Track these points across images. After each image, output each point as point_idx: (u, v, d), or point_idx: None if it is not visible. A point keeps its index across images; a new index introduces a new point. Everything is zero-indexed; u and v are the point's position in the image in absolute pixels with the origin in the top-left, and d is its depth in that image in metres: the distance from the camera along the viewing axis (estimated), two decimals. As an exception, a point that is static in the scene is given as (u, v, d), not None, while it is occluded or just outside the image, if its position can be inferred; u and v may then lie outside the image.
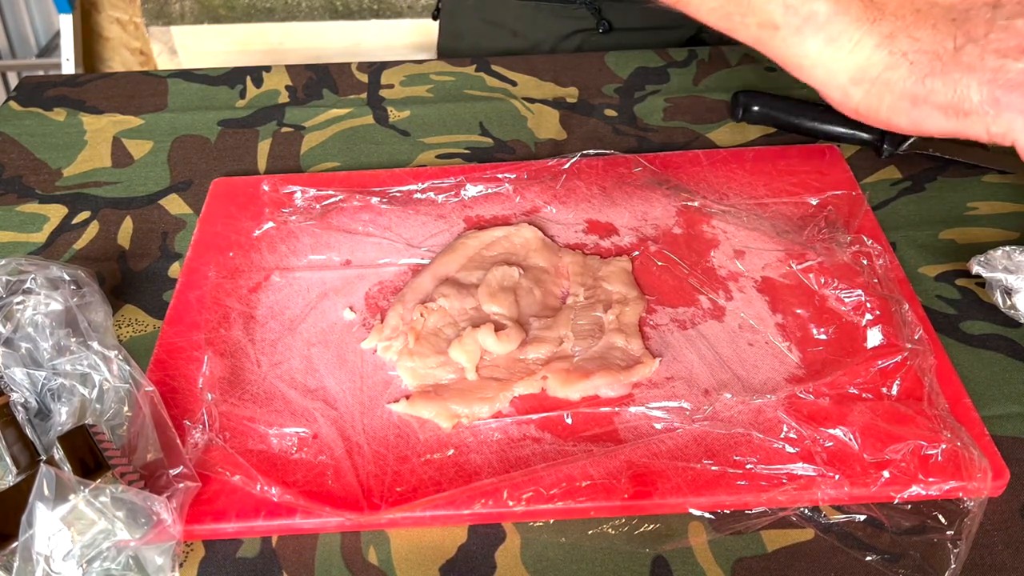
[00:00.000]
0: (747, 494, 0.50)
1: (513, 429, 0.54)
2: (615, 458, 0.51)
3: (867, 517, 0.49)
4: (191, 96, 0.85)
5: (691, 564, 0.48)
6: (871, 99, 0.52)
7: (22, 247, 0.70)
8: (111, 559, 0.46)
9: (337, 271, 0.65)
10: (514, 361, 0.57)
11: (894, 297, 0.59)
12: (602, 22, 0.92)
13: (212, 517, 0.50)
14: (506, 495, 0.50)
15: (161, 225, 0.71)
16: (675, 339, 0.59)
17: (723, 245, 0.65)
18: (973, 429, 0.52)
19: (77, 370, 0.55)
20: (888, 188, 0.72)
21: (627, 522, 0.50)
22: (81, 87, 0.87)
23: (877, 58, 0.51)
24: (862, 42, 0.51)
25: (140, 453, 0.51)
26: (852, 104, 0.54)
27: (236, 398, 0.56)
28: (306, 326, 0.61)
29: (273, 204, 0.69)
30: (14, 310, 0.57)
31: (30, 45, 2.29)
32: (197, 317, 0.61)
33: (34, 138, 0.81)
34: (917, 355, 0.55)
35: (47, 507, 0.45)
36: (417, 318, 0.59)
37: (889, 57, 0.51)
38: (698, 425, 0.53)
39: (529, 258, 0.64)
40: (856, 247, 0.62)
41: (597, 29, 0.92)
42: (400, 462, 0.52)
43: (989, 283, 0.60)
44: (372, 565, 0.49)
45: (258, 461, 0.52)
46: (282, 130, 0.81)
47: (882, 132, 0.75)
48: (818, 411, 0.53)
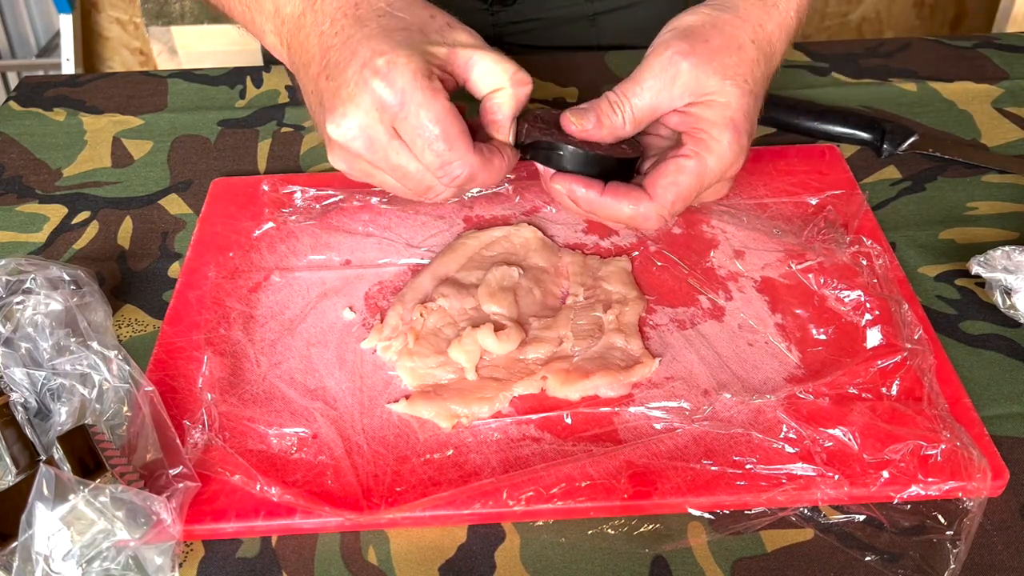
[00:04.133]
0: (747, 494, 0.50)
1: (513, 429, 0.54)
2: (615, 458, 0.51)
3: (866, 517, 0.49)
4: (191, 96, 0.85)
5: (691, 564, 0.48)
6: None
7: (22, 247, 0.70)
8: (111, 559, 0.46)
9: (337, 271, 0.65)
10: (514, 361, 0.57)
11: (894, 297, 0.59)
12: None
13: (212, 517, 0.50)
14: (506, 495, 0.50)
15: (161, 225, 0.71)
16: (675, 339, 0.59)
17: (723, 245, 0.65)
18: (973, 429, 0.52)
19: (77, 370, 0.55)
20: (888, 188, 0.72)
21: (627, 522, 0.50)
22: (81, 87, 0.87)
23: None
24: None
25: (140, 453, 0.51)
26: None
27: (236, 398, 0.56)
28: (306, 326, 0.61)
29: (273, 204, 0.69)
30: (14, 310, 0.57)
31: (30, 45, 2.29)
32: (197, 317, 0.61)
33: (34, 138, 0.81)
34: (917, 355, 0.55)
35: (47, 507, 0.45)
36: (417, 318, 0.59)
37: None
38: (698, 425, 0.53)
39: (529, 258, 0.64)
40: (856, 247, 0.62)
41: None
42: (400, 462, 0.52)
43: (989, 283, 0.60)
44: (372, 565, 0.49)
45: (258, 461, 0.52)
46: (282, 130, 0.81)
47: (882, 132, 0.75)
48: (818, 411, 0.53)
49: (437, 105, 0.48)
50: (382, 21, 0.49)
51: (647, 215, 0.54)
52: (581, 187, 0.54)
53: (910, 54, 0.87)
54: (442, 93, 0.49)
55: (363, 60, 0.48)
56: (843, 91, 0.82)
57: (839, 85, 0.83)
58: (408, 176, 0.51)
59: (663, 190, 0.54)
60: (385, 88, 0.47)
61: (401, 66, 0.47)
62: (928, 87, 0.83)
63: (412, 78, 0.47)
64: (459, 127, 0.49)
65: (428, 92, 0.48)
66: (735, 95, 0.53)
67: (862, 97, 0.82)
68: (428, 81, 0.48)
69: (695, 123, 0.54)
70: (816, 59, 0.87)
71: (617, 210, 0.54)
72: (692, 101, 0.54)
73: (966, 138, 0.77)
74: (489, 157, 0.51)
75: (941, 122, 0.79)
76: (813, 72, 0.85)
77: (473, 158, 0.50)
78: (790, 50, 0.85)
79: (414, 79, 0.47)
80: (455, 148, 0.49)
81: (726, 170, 0.54)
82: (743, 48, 0.54)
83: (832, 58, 0.87)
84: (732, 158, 0.54)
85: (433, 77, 0.49)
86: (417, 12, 0.51)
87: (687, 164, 0.54)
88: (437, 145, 0.49)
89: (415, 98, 0.48)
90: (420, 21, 0.50)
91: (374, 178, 0.53)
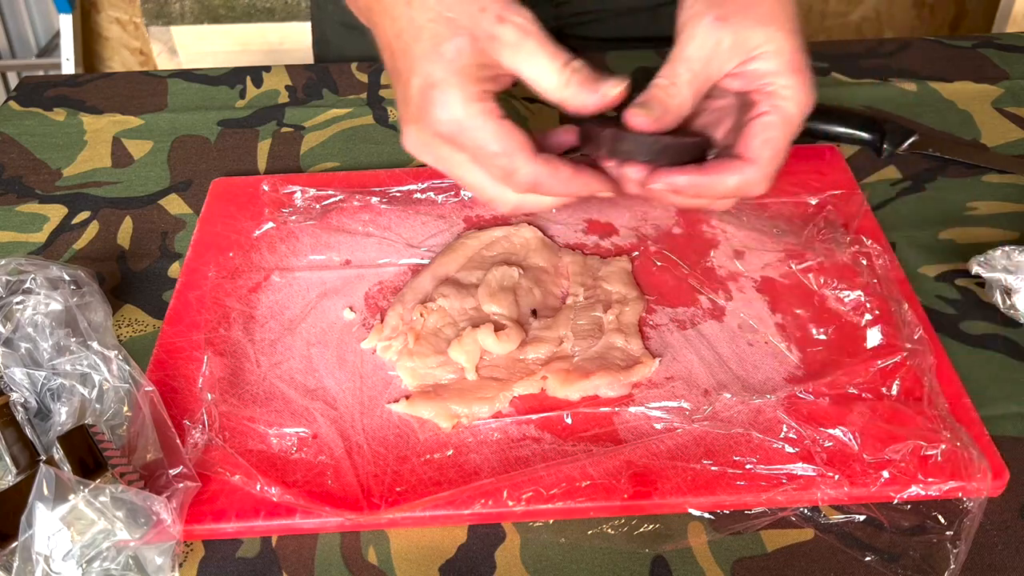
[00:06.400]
0: (747, 494, 0.50)
1: (513, 429, 0.54)
2: (615, 458, 0.51)
3: (867, 517, 0.49)
4: (191, 96, 0.85)
5: (691, 564, 0.48)
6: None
7: (22, 247, 0.70)
8: (111, 559, 0.46)
9: (337, 271, 0.65)
10: (514, 361, 0.57)
11: (894, 297, 0.59)
12: None
13: (212, 517, 0.50)
14: (506, 495, 0.50)
15: (161, 225, 0.71)
16: (675, 339, 0.59)
17: (723, 245, 0.65)
18: (973, 429, 0.52)
19: (77, 370, 0.55)
20: (888, 188, 0.72)
21: (627, 522, 0.50)
22: (81, 87, 0.87)
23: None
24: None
25: (140, 453, 0.51)
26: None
27: (236, 398, 0.56)
28: (306, 326, 0.61)
29: (273, 204, 0.69)
30: (14, 310, 0.57)
31: (30, 45, 2.29)
32: (197, 317, 0.61)
33: (34, 138, 0.81)
34: (917, 355, 0.55)
35: (47, 507, 0.45)
36: (417, 318, 0.59)
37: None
38: (698, 425, 0.53)
39: (529, 258, 0.64)
40: (856, 247, 0.62)
41: None
42: (400, 462, 0.52)
43: (989, 283, 0.60)
44: (372, 565, 0.49)
45: (258, 461, 0.52)
46: (282, 130, 0.81)
47: (882, 132, 0.75)
48: (818, 411, 0.53)
49: (491, 124, 0.50)
50: (434, 29, 0.50)
51: (754, 180, 0.54)
52: (681, 176, 0.54)
53: (910, 54, 0.87)
54: (496, 111, 0.50)
55: (418, 86, 0.50)
56: (843, 91, 0.82)
57: (839, 85, 0.83)
58: (475, 186, 0.53)
59: (758, 151, 0.54)
60: (441, 120, 0.50)
61: (452, 96, 0.49)
62: (928, 87, 0.83)
63: (463, 105, 0.49)
64: (517, 139, 0.50)
65: (480, 117, 0.50)
66: (782, 39, 0.53)
67: (862, 97, 0.82)
68: (481, 105, 0.50)
69: (758, 80, 0.54)
70: (816, 59, 0.86)
71: (724, 185, 0.54)
72: (744, 59, 0.53)
73: (966, 138, 0.77)
74: (556, 164, 0.51)
75: (941, 122, 0.79)
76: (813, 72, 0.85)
77: (537, 165, 0.51)
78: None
79: (465, 106, 0.49)
80: (515, 157, 0.50)
81: (804, 111, 0.54)
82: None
83: (832, 58, 0.87)
84: (806, 97, 0.54)
85: (486, 97, 0.50)
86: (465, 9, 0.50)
87: (771, 120, 0.54)
88: (499, 160, 0.50)
89: (470, 123, 0.50)
90: (470, 19, 0.50)
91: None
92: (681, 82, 0.53)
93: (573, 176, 0.52)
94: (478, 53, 0.50)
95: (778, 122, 0.54)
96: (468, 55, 0.50)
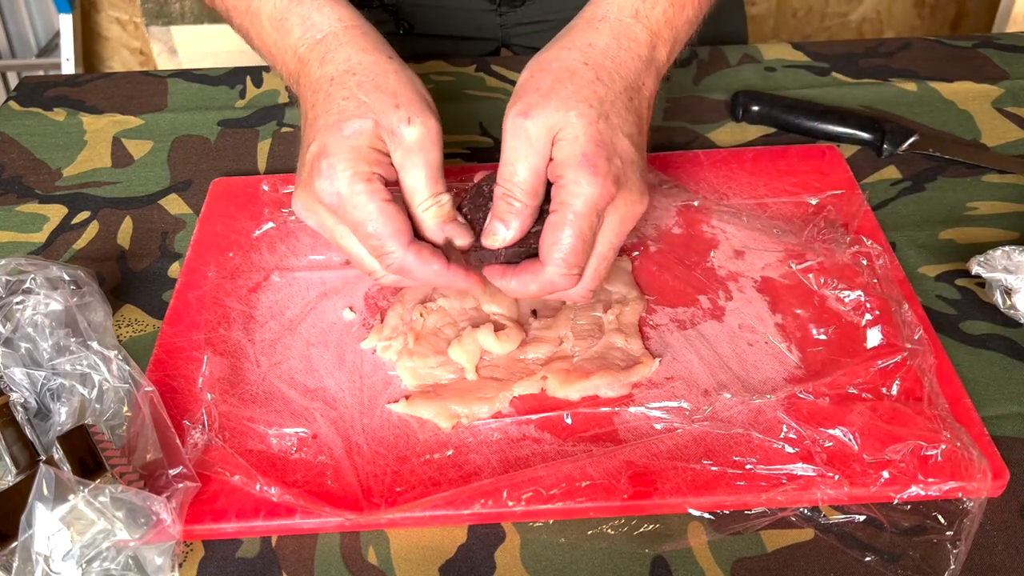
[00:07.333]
0: (747, 494, 0.50)
1: (513, 429, 0.54)
2: (615, 458, 0.51)
3: (867, 517, 0.49)
4: (191, 96, 0.85)
5: (691, 564, 0.48)
6: None
7: (22, 247, 0.70)
8: (111, 559, 0.46)
9: (337, 271, 0.65)
10: (514, 361, 0.57)
11: (894, 297, 0.59)
12: (401, 23, 0.91)
13: (212, 517, 0.50)
14: (506, 495, 0.50)
15: (161, 225, 0.71)
16: (675, 339, 0.59)
17: (723, 245, 0.65)
18: (973, 429, 0.52)
19: (77, 370, 0.55)
20: (888, 188, 0.72)
21: (627, 522, 0.50)
22: (81, 87, 0.87)
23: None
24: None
25: (140, 453, 0.51)
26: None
27: (236, 398, 0.56)
28: (306, 326, 0.61)
29: (273, 204, 0.69)
30: (14, 310, 0.57)
31: (30, 45, 2.29)
32: (197, 317, 0.61)
33: (34, 138, 0.81)
34: (917, 355, 0.55)
35: (47, 507, 0.45)
36: (417, 318, 0.59)
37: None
38: (698, 425, 0.53)
39: (529, 258, 0.64)
40: (856, 247, 0.62)
41: (398, 31, 0.91)
42: (400, 462, 0.52)
43: (989, 283, 0.60)
44: (372, 565, 0.49)
45: (258, 461, 0.52)
46: (282, 130, 0.81)
47: (882, 132, 0.75)
48: (818, 411, 0.53)
49: (372, 206, 0.51)
50: (344, 106, 0.52)
51: (552, 281, 0.52)
52: (498, 278, 0.54)
53: (910, 54, 0.87)
54: (379, 193, 0.51)
55: (313, 153, 0.52)
56: (843, 91, 0.82)
57: (839, 85, 0.83)
58: (354, 256, 0.54)
59: (547, 252, 0.51)
60: (324, 190, 0.51)
61: (340, 172, 0.51)
62: (928, 87, 0.83)
63: (348, 181, 0.51)
64: (394, 225, 0.51)
65: (364, 195, 0.51)
66: (579, 125, 0.51)
67: (862, 97, 0.82)
68: (366, 184, 0.51)
69: (556, 169, 0.51)
70: (816, 59, 0.87)
71: (528, 289, 0.53)
72: (552, 145, 0.52)
73: (966, 138, 0.77)
74: (428, 256, 0.52)
75: (941, 122, 0.79)
76: (813, 72, 0.85)
77: (408, 253, 0.51)
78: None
79: (351, 182, 0.51)
80: (388, 242, 0.51)
81: (596, 205, 0.51)
82: (576, 74, 0.52)
83: (832, 58, 0.87)
84: (598, 192, 0.50)
85: (372, 179, 0.51)
86: (381, 100, 0.52)
87: (554, 219, 0.51)
88: (373, 241, 0.51)
89: (352, 200, 0.51)
90: (382, 109, 0.51)
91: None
92: (516, 186, 0.52)
93: (440, 271, 0.52)
94: (376, 139, 0.51)
95: (561, 222, 0.51)
96: (367, 137, 0.51)
